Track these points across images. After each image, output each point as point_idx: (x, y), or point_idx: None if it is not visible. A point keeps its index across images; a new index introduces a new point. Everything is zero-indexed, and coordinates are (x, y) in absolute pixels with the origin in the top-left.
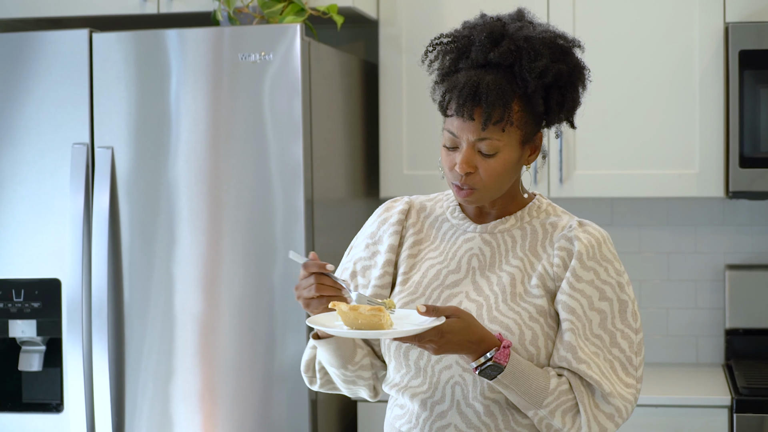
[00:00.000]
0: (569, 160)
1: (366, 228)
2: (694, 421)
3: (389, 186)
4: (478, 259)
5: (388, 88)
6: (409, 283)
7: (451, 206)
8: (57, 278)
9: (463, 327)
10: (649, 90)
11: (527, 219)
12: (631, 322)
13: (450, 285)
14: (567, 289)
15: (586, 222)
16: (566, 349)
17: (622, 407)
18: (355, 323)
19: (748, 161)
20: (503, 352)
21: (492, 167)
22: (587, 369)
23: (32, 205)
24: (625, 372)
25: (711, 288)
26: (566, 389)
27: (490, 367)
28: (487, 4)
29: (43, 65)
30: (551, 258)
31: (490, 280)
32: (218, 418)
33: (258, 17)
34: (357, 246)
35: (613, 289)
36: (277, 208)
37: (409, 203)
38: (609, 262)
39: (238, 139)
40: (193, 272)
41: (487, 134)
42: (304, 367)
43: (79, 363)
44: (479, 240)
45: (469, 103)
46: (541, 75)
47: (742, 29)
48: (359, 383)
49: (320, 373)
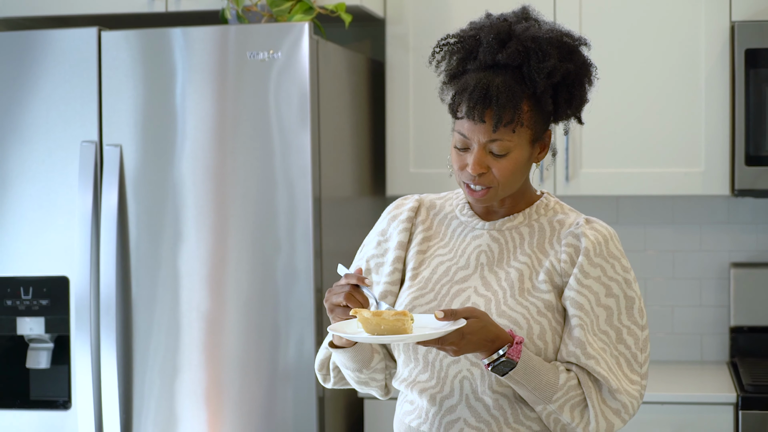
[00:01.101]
0: (575, 158)
1: (377, 226)
2: (699, 419)
3: (396, 184)
4: (486, 256)
5: (394, 87)
6: (418, 279)
7: (460, 204)
8: (65, 276)
9: (482, 327)
10: (655, 88)
11: (535, 217)
12: (637, 318)
13: (459, 281)
14: (575, 285)
15: (594, 219)
16: (575, 345)
17: (629, 403)
18: (378, 329)
19: (753, 159)
20: (516, 348)
21: (504, 167)
22: (595, 365)
23: (41, 203)
24: (630, 368)
25: (716, 286)
26: (575, 384)
27: (503, 363)
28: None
29: (52, 63)
30: (559, 254)
31: (498, 276)
32: (224, 415)
33: (266, 15)
34: (369, 243)
35: (620, 286)
36: (283, 205)
37: (419, 201)
38: (616, 259)
39: (245, 136)
40: (200, 270)
41: (498, 136)
42: (318, 365)
43: (87, 360)
44: (488, 237)
45: (479, 105)
46: (550, 75)
47: (748, 28)
48: (372, 384)
49: (334, 372)
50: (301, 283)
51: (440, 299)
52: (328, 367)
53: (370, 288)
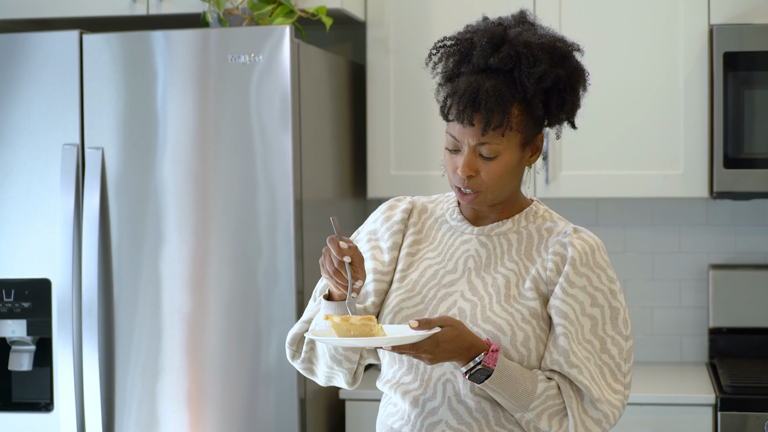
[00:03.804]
0: (555, 161)
1: (368, 225)
2: (678, 420)
3: (377, 186)
4: (474, 260)
5: (375, 89)
6: (406, 281)
7: (450, 208)
8: (47, 278)
9: (456, 335)
10: (634, 91)
11: (524, 224)
12: (621, 329)
13: (446, 284)
14: (560, 294)
15: (581, 229)
16: (559, 353)
17: (610, 413)
18: (348, 334)
19: (732, 162)
20: (491, 356)
21: (493, 170)
22: (578, 374)
23: (23, 206)
24: (613, 378)
25: (695, 287)
26: (554, 393)
27: (479, 371)
28: (475, 6)
29: (34, 66)
30: (545, 262)
31: (485, 281)
32: (206, 417)
33: (247, 19)
34: (358, 241)
35: (605, 296)
36: (265, 208)
37: (412, 203)
38: (602, 269)
39: (226, 139)
40: (182, 272)
41: (487, 139)
42: (290, 339)
43: (69, 363)
44: (476, 242)
45: (468, 109)
46: (540, 80)
47: (726, 31)
48: (344, 365)
49: (307, 347)
50: (283, 285)
51: (427, 302)
52: (301, 344)
53: (355, 272)
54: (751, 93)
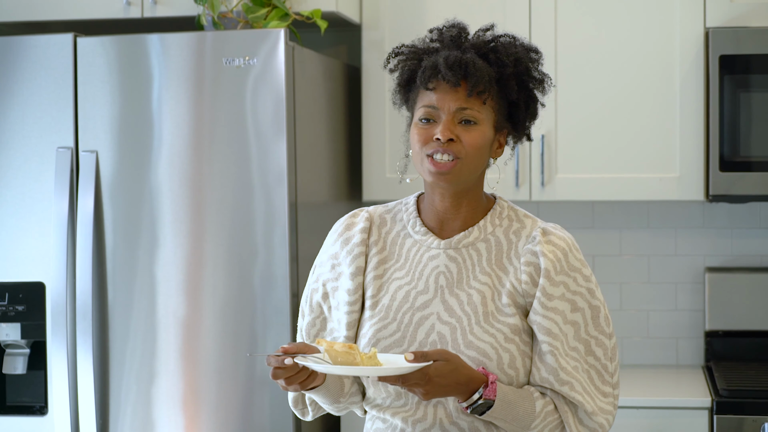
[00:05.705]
0: (551, 164)
1: (327, 247)
2: (674, 423)
3: (372, 189)
4: (445, 277)
5: (370, 92)
6: (378, 308)
7: (411, 219)
8: (41, 281)
9: (452, 370)
10: (630, 94)
11: (490, 229)
12: (603, 327)
13: (420, 307)
14: (540, 310)
15: (550, 229)
16: (548, 371)
17: (604, 421)
18: (335, 361)
19: (727, 165)
20: (491, 388)
21: (474, 137)
22: (570, 390)
23: (17, 209)
24: (601, 380)
25: (691, 290)
26: (551, 410)
27: (481, 405)
28: (468, 8)
29: (28, 69)
30: (519, 273)
31: (460, 299)
32: (201, 421)
33: (242, 22)
34: (322, 265)
35: (584, 298)
36: (260, 211)
37: (369, 219)
38: (577, 271)
39: (221, 142)
40: (177, 275)
41: (470, 104)
42: (292, 402)
43: (63, 366)
44: (444, 257)
45: (456, 70)
46: (517, 62)
47: (722, 34)
48: (352, 407)
49: (311, 406)
50: (278, 288)
51: (404, 329)
52: (303, 402)
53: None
54: (747, 96)
